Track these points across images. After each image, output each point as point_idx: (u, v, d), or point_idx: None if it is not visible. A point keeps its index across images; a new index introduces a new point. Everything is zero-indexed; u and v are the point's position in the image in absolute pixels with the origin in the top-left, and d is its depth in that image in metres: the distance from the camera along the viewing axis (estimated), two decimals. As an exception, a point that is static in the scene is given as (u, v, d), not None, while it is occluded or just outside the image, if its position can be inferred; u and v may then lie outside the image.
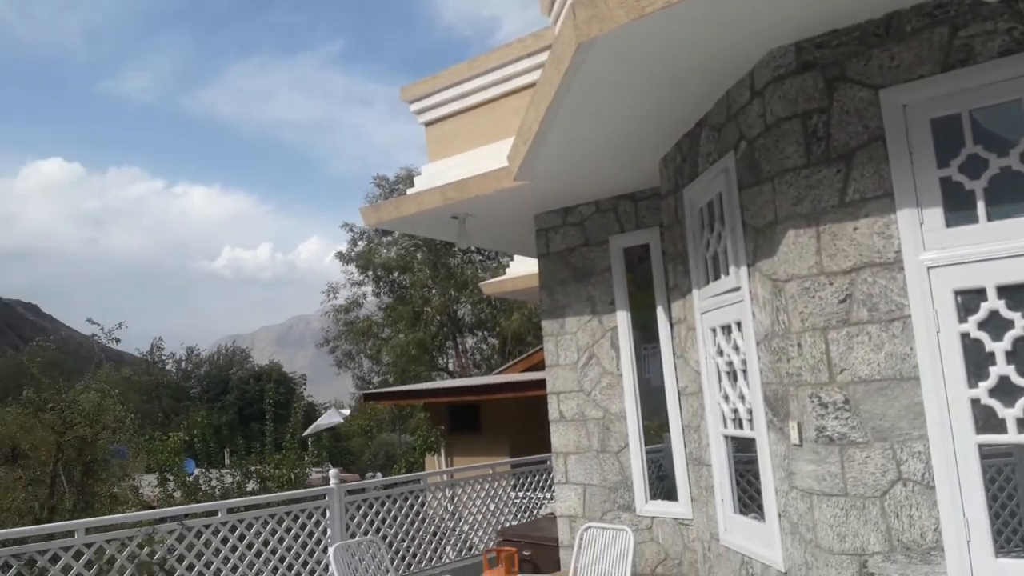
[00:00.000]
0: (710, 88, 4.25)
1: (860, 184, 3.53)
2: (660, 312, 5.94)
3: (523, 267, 10.18)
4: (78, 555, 5.73)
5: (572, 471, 6.49)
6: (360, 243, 32.29)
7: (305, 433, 5.30)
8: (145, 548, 6.09)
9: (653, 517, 5.94)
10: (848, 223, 3.54)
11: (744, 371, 4.29)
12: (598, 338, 6.36)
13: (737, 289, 4.27)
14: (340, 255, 32.64)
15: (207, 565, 6.39)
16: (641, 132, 4.91)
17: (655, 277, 6.00)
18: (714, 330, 4.68)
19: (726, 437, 4.67)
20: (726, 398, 4.58)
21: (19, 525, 10.06)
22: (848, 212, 3.55)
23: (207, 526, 6.47)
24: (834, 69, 3.61)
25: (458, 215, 6.69)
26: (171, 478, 10.86)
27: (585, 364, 6.44)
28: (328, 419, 5.27)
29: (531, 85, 6.05)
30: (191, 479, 10.85)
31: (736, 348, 4.38)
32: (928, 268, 3.36)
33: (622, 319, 6.23)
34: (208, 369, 47.66)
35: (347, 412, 6.45)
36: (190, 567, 6.30)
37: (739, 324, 4.31)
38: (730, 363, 4.49)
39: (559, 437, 6.62)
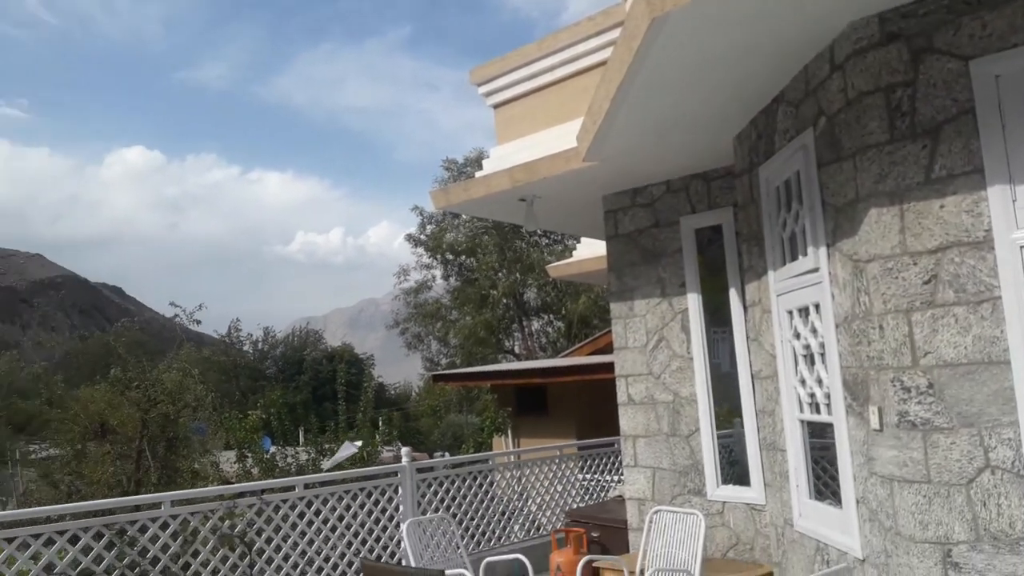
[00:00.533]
0: (787, 63, 4.12)
1: (947, 160, 3.38)
2: (733, 294, 5.83)
3: (590, 249, 10.13)
4: (164, 526, 5.99)
5: (641, 454, 6.46)
6: (429, 226, 32.66)
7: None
8: (227, 521, 6.33)
9: (724, 502, 5.87)
10: (934, 201, 3.40)
11: (822, 354, 4.19)
12: (668, 321, 6.29)
13: (816, 270, 4.16)
14: (410, 237, 33.08)
15: (285, 538, 6.61)
16: (715, 109, 4.81)
17: (728, 259, 5.88)
18: (791, 312, 4.57)
19: (802, 422, 4.58)
20: (803, 382, 4.48)
21: (109, 497, 10.58)
22: (934, 189, 3.41)
23: (285, 501, 6.69)
24: (920, 40, 3.46)
25: (526, 197, 6.69)
26: (249, 455, 11.24)
27: (654, 347, 6.38)
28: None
29: (601, 64, 5.99)
30: (268, 456, 11.21)
31: (814, 331, 4.28)
32: (1021, 247, 3.21)
33: (693, 301, 6.13)
34: (283, 350, 49.03)
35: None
36: (268, 540, 6.53)
37: (817, 306, 4.20)
38: (807, 346, 4.38)
39: (628, 420, 6.58)
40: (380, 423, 14.34)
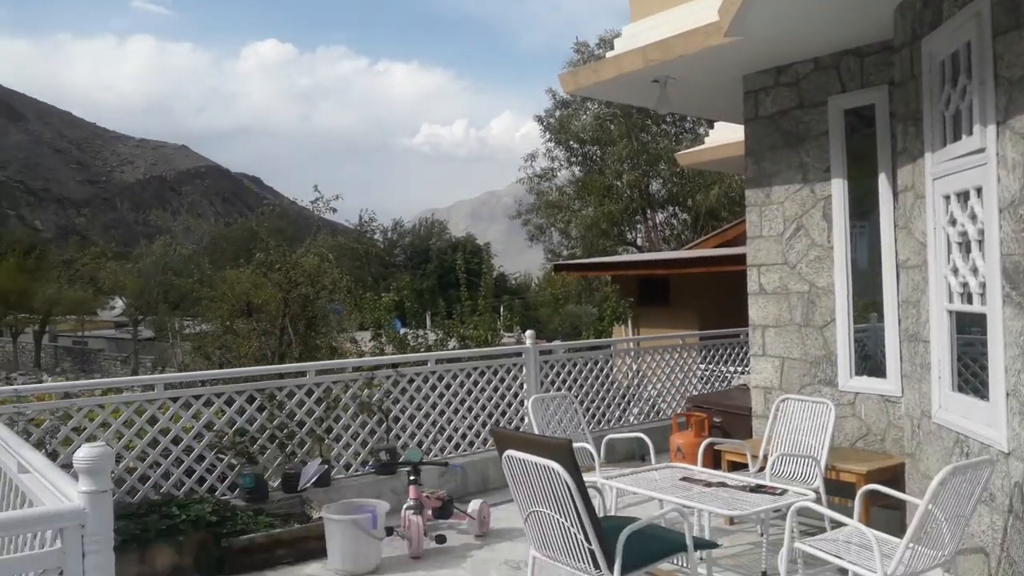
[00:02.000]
0: (967, -84, 3.69)
1: None
2: (882, 179, 5.49)
3: (723, 135, 9.72)
4: (309, 393, 6.47)
5: (770, 344, 6.36)
6: (559, 111, 32.14)
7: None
8: (365, 390, 6.77)
9: (856, 393, 5.74)
10: None
11: (980, 241, 3.92)
12: (808, 208, 6.02)
13: (981, 151, 3.83)
14: (539, 119, 32.66)
15: (418, 408, 7.03)
16: (876, -26, 4.40)
17: (879, 142, 5.50)
18: (947, 197, 4.27)
19: (950, 312, 4.35)
20: (955, 271, 4.23)
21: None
22: None
23: (418, 374, 7.07)
24: None
25: (659, 78, 6.45)
26: (383, 334, 11.87)
27: (792, 236, 6.15)
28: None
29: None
30: (400, 336, 11.82)
31: (973, 216, 3.99)
32: None
33: (837, 188, 5.82)
34: (410, 239, 50.63)
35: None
36: (403, 409, 6.96)
37: (979, 190, 3.90)
38: (964, 233, 4.10)
39: (757, 310, 6.46)
40: (502, 310, 14.70)
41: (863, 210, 5.76)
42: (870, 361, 5.77)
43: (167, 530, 5.03)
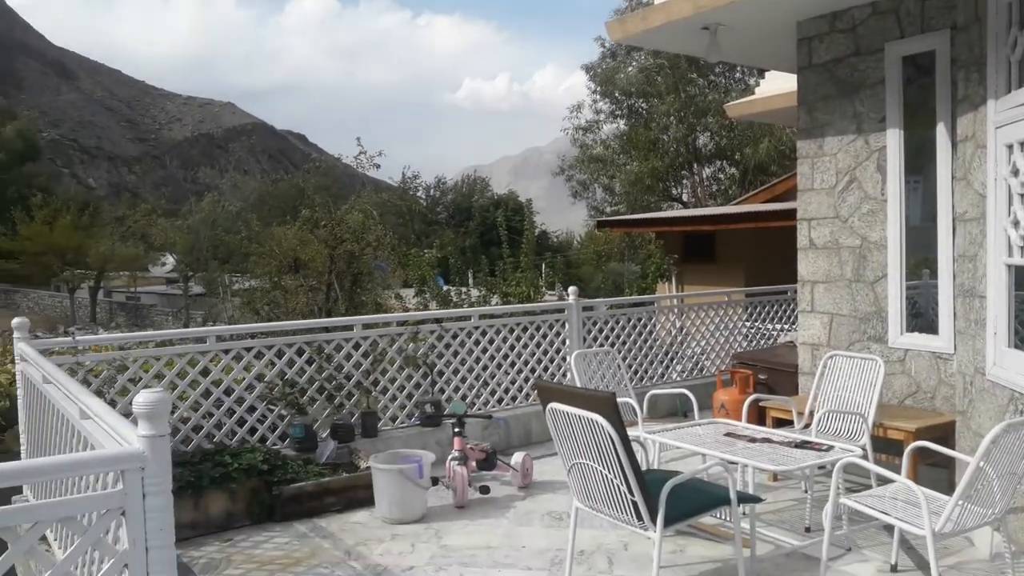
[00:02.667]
0: None
1: None
2: (940, 129, 5.28)
3: (774, 85, 9.45)
4: (356, 346, 6.58)
5: (819, 300, 6.25)
6: (604, 64, 31.52)
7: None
8: (410, 344, 6.86)
9: (907, 350, 5.62)
10: None
11: (1044, 192, 3.77)
12: (862, 160, 5.84)
13: (1048, 96, 3.67)
14: (585, 68, 32.07)
15: (462, 362, 7.11)
16: (940, -89, 4.18)
17: (938, 89, 5.28)
18: (1010, 147, 4.11)
19: (1009, 267, 4.21)
20: (1016, 223, 4.08)
21: (303, 325, 11.64)
22: None
23: (462, 329, 7.13)
24: None
25: (709, 25, 6.27)
26: (427, 290, 11.97)
27: (844, 188, 5.99)
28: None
29: None
30: (443, 292, 11.93)
31: (1036, 166, 3.84)
32: None
33: (893, 138, 5.62)
34: (453, 197, 50.64)
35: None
36: (447, 363, 7.04)
37: (1044, 138, 3.74)
38: (1026, 183, 3.95)
39: (807, 265, 6.34)
40: (543, 268, 14.68)
41: (918, 163, 5.57)
42: (921, 318, 5.63)
43: (220, 478, 5.19)
